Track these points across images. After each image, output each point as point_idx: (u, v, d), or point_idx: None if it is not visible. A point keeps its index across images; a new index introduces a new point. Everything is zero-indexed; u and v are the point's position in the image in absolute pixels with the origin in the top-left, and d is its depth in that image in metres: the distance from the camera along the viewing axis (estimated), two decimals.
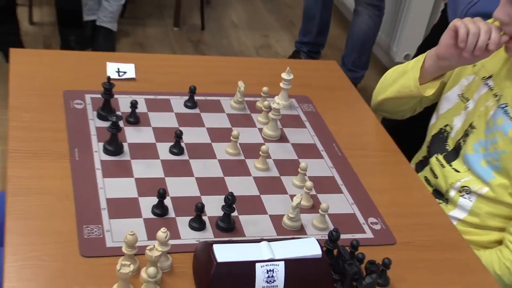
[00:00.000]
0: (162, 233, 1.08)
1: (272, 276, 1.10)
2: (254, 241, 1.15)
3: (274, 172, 1.44)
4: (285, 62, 1.82)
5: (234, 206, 1.24)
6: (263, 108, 1.59)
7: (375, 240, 1.30)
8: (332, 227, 1.28)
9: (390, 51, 3.72)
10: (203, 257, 1.11)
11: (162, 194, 1.24)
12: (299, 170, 1.40)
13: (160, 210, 1.25)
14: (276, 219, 1.30)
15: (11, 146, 1.35)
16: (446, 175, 1.59)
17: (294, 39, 3.85)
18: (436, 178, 1.62)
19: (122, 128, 1.44)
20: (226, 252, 1.09)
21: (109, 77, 1.50)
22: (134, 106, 1.48)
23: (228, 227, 1.25)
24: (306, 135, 1.58)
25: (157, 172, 1.36)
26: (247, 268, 1.09)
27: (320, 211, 1.29)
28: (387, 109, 1.76)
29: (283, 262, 1.11)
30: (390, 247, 1.29)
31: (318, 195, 1.39)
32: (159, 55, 1.87)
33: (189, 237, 1.22)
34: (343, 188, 1.43)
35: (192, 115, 1.57)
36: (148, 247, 1.07)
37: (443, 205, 1.56)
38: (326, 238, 1.20)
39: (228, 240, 1.18)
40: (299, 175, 1.41)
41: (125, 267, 1.03)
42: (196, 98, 1.61)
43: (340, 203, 1.38)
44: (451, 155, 1.61)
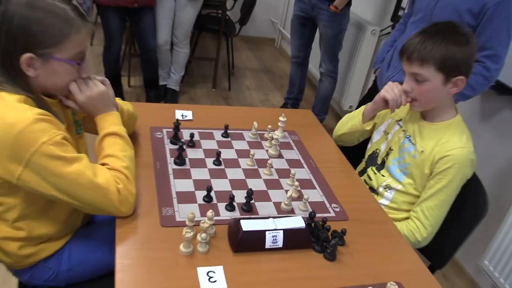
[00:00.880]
0: (210, 213, 1.09)
1: (275, 239, 1.12)
2: (264, 217, 1.16)
3: (275, 176, 1.44)
4: (279, 110, 1.81)
5: (252, 196, 1.25)
6: (268, 138, 1.60)
7: (336, 217, 1.31)
8: (310, 210, 1.28)
9: (340, 103, 3.70)
10: (234, 227, 1.12)
11: (209, 189, 1.26)
12: (290, 175, 1.41)
13: (208, 198, 1.26)
14: (277, 205, 1.30)
15: None
16: (377, 178, 1.60)
17: (283, 96, 3.85)
18: (371, 180, 1.62)
19: (185, 150, 1.45)
20: (248, 225, 1.11)
21: (177, 119, 1.52)
22: (192, 136, 1.50)
23: (248, 209, 1.25)
24: (294, 154, 1.59)
25: (205, 176, 1.37)
26: (260, 234, 1.10)
27: (303, 200, 1.30)
28: (343, 139, 1.75)
29: (282, 231, 1.12)
30: (345, 222, 1.29)
31: (302, 190, 1.39)
32: (205, 106, 1.87)
33: (225, 215, 1.22)
34: (316, 186, 1.43)
35: (226, 142, 1.58)
36: (202, 222, 1.08)
37: (376, 196, 1.55)
38: (307, 216, 1.21)
39: (249, 217, 1.19)
40: (290, 178, 1.41)
41: (187, 233, 1.05)
42: (228, 131, 1.62)
43: (315, 195, 1.39)
44: (380, 166, 1.61)
